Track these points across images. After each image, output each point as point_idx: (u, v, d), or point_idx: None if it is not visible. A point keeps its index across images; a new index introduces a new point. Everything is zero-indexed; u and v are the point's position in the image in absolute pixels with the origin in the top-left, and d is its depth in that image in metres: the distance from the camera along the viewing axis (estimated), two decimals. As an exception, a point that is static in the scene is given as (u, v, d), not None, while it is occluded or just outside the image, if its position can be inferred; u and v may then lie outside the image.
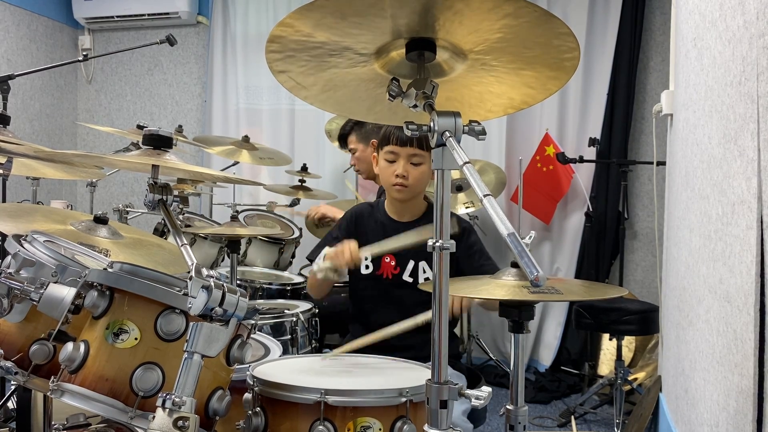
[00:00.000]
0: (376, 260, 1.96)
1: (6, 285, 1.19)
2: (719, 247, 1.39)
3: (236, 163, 3.61)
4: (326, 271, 1.68)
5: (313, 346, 2.21)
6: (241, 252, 3.14)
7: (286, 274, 3.09)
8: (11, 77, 2.53)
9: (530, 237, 1.28)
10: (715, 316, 1.42)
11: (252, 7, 4.54)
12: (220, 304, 1.00)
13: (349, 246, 1.71)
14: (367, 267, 1.97)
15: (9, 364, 1.21)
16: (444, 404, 0.99)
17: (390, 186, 1.91)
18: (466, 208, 3.59)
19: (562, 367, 3.89)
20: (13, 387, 1.69)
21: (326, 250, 1.76)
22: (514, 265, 1.31)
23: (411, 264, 1.92)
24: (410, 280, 1.92)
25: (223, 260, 3.19)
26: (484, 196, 0.83)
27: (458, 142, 0.95)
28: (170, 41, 2.88)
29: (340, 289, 2.50)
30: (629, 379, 3.24)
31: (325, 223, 3.28)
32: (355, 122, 3.03)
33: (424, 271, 1.91)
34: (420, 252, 1.90)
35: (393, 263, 1.94)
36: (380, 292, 1.95)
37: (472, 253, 1.95)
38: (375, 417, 1.19)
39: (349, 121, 3.10)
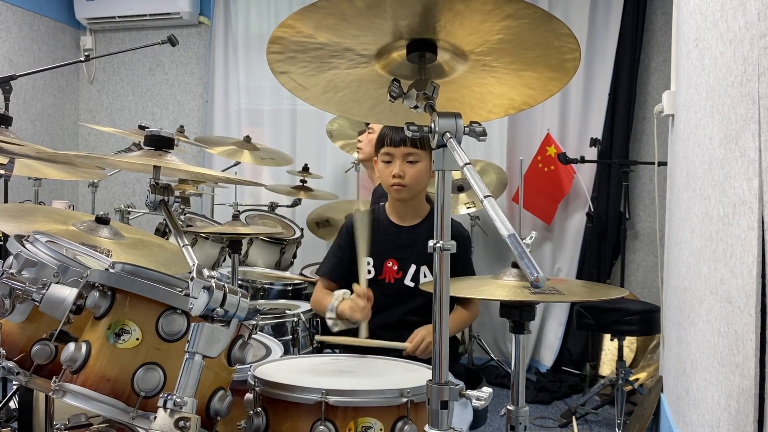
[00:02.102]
0: (378, 265, 1.96)
1: (8, 285, 1.19)
2: (720, 248, 1.39)
3: (237, 163, 3.62)
4: (342, 326, 1.77)
5: (314, 346, 2.21)
6: (243, 252, 3.14)
7: (287, 274, 3.10)
8: (13, 77, 2.54)
9: (531, 237, 1.28)
10: (716, 316, 1.42)
11: (253, 8, 4.54)
12: (222, 305, 1.01)
13: (365, 296, 1.73)
14: (369, 272, 1.97)
15: (11, 364, 1.21)
16: (445, 405, 0.99)
17: (389, 187, 1.92)
18: (468, 208, 3.60)
19: (564, 368, 3.89)
20: (15, 387, 1.70)
21: (338, 302, 1.78)
22: (515, 265, 1.31)
23: (413, 268, 1.93)
24: (412, 284, 1.92)
25: (224, 260, 3.19)
26: (485, 197, 0.84)
27: (459, 143, 0.96)
28: (172, 42, 2.89)
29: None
30: (630, 379, 3.24)
31: (325, 225, 3.28)
32: None
33: (425, 276, 1.92)
34: (423, 256, 1.91)
35: (395, 267, 1.94)
36: (382, 297, 1.93)
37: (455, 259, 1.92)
38: (376, 417, 1.19)
39: None
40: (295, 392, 1.20)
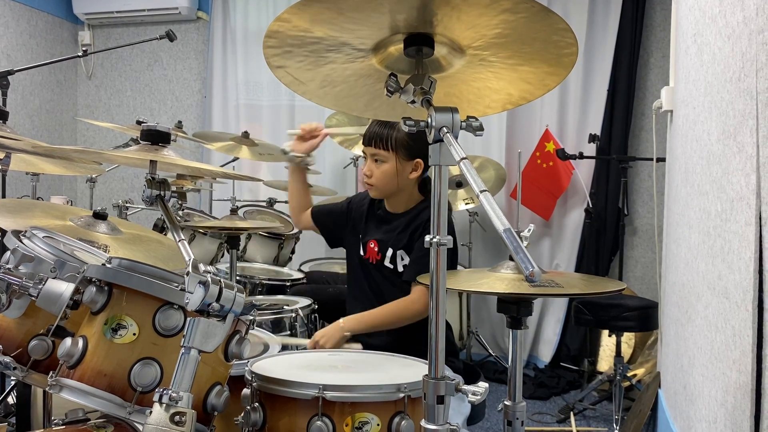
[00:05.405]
0: (364, 245, 2.04)
1: (5, 281, 1.19)
2: (718, 244, 1.39)
3: (236, 159, 3.61)
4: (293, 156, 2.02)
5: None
6: (241, 248, 3.14)
7: (285, 269, 3.10)
8: (11, 73, 2.53)
9: (529, 230, 1.28)
10: (713, 312, 1.42)
11: (252, 3, 4.53)
12: (217, 300, 1.01)
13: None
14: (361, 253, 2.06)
15: (8, 359, 1.22)
16: (441, 400, 0.99)
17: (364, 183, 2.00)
18: (466, 204, 3.59)
19: (562, 364, 3.90)
20: (12, 383, 1.70)
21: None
22: (513, 258, 1.31)
23: (390, 251, 1.98)
24: (391, 266, 1.98)
25: (222, 256, 3.19)
26: (481, 192, 0.84)
27: (456, 138, 0.95)
28: (170, 37, 2.88)
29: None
30: (628, 375, 3.24)
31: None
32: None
33: (402, 259, 1.96)
34: (398, 241, 1.95)
35: (376, 249, 2.01)
36: (366, 276, 2.03)
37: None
38: (373, 412, 1.19)
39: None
40: (293, 387, 1.20)
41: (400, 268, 1.96)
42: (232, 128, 4.40)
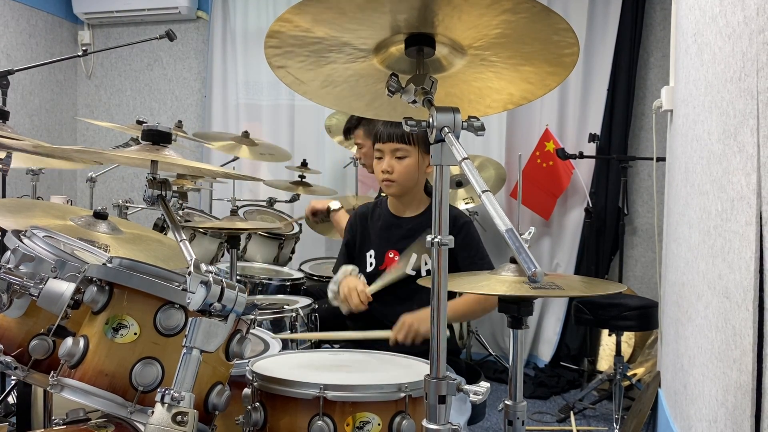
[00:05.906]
0: (380, 256, 1.98)
1: (5, 280, 1.19)
2: (718, 243, 1.39)
3: (236, 158, 3.61)
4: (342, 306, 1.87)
5: (312, 341, 2.21)
6: (241, 247, 3.13)
7: (285, 269, 3.09)
8: (11, 72, 2.53)
9: (530, 233, 1.28)
10: (714, 312, 1.42)
11: (252, 2, 4.53)
12: (219, 300, 1.01)
13: (356, 289, 1.83)
14: (371, 264, 1.98)
15: (9, 359, 1.22)
16: (442, 399, 0.99)
17: (380, 182, 1.97)
18: (466, 203, 3.59)
19: (562, 363, 3.90)
20: (13, 382, 1.70)
21: (343, 276, 1.89)
22: (514, 260, 1.31)
23: (414, 257, 1.94)
24: (413, 273, 1.93)
25: (222, 256, 3.19)
26: (483, 192, 0.84)
27: (457, 137, 0.95)
28: (170, 36, 2.88)
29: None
30: (628, 374, 3.25)
31: (321, 219, 3.25)
32: (362, 117, 2.96)
33: (426, 263, 1.93)
34: (421, 247, 1.92)
35: (397, 258, 1.96)
36: (384, 288, 1.95)
37: (465, 246, 1.93)
38: (374, 412, 1.19)
39: (354, 115, 3.03)
40: (293, 387, 1.20)
41: (423, 273, 1.91)
42: (232, 128, 4.40)
